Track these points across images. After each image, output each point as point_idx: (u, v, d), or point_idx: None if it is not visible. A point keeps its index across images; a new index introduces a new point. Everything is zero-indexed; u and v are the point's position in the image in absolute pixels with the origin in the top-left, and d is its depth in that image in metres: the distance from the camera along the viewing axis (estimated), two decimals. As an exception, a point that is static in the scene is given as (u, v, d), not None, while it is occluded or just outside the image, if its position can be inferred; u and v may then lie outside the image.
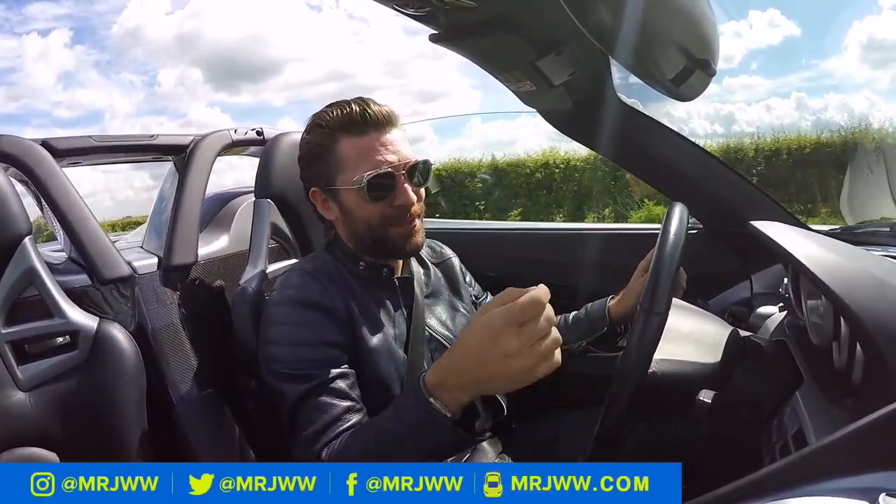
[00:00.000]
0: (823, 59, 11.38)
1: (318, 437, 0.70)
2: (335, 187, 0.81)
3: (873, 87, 9.38)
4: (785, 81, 13.57)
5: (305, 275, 0.81)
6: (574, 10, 0.63)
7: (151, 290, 0.96)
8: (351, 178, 0.79)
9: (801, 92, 10.79)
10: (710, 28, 0.77)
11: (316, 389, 0.72)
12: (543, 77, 0.88)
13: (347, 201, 0.81)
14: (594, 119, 1.10)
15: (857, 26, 9.76)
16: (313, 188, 0.84)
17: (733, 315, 1.11)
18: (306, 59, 65.66)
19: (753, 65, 12.12)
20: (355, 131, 0.79)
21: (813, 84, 11.65)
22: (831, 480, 0.45)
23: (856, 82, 9.28)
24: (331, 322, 0.76)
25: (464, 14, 0.74)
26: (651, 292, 0.66)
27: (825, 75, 10.94)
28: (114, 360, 0.83)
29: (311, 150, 0.83)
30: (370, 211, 0.80)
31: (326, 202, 0.84)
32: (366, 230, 0.81)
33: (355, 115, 0.79)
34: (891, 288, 0.56)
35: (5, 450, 0.74)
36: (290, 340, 0.75)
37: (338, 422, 0.71)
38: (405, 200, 0.79)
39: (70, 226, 0.91)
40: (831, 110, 8.68)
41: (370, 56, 52.23)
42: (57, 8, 63.59)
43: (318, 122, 0.82)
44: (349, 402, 0.73)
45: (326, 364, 0.74)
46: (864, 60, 9.62)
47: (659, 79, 0.79)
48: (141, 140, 1.14)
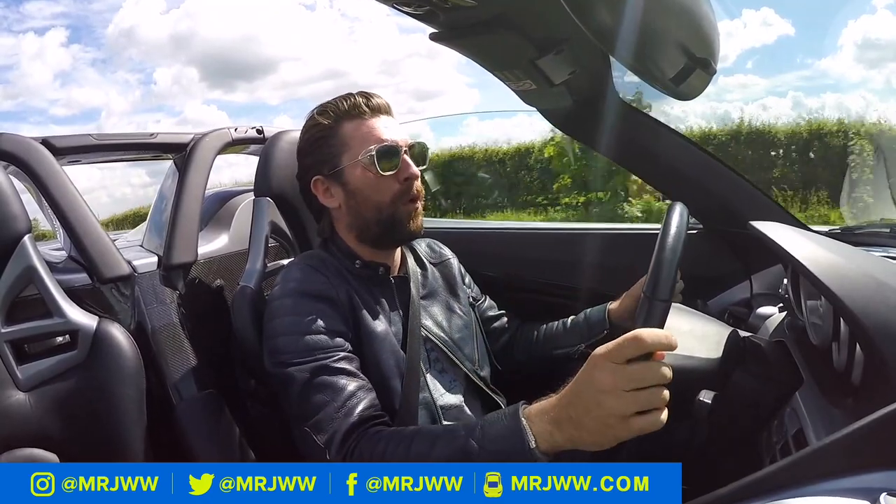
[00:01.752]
0: (819, 59, 11.43)
1: (334, 418, 0.68)
2: (340, 167, 0.82)
3: (869, 87, 9.43)
4: (782, 80, 13.61)
5: (307, 268, 0.81)
6: (574, 8, 0.63)
7: (151, 290, 0.96)
8: (356, 154, 0.81)
9: (798, 91, 10.84)
10: (710, 27, 0.76)
11: (323, 371, 0.71)
12: (544, 76, 0.87)
13: (354, 179, 0.82)
14: (594, 118, 1.10)
15: (851, 25, 9.81)
16: (315, 177, 0.84)
17: (733, 315, 1.11)
18: (301, 57, 65.79)
19: (749, 63, 12.15)
20: (358, 114, 0.83)
21: (810, 83, 11.70)
22: (831, 480, 0.45)
23: (852, 82, 9.32)
24: (334, 312, 0.77)
25: (464, 13, 0.73)
26: (654, 279, 0.65)
27: (821, 74, 10.99)
28: (113, 360, 0.83)
29: (313, 137, 0.84)
30: (378, 187, 0.81)
31: (329, 189, 0.84)
32: (373, 211, 0.82)
33: (359, 102, 0.83)
34: (890, 289, 0.56)
35: (5, 450, 0.74)
36: (295, 330, 0.75)
37: (351, 399, 0.69)
38: (409, 172, 0.82)
39: (70, 224, 0.91)
40: (828, 109, 8.73)
41: (365, 55, 52.30)
42: (54, 6, 63.50)
43: (322, 109, 0.85)
44: (358, 383, 0.72)
45: (332, 349, 0.73)
46: (860, 60, 9.65)
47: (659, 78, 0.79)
48: (141, 138, 1.14)
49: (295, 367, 0.72)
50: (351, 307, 0.79)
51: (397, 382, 0.79)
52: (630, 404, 0.52)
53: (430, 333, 0.86)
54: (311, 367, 0.71)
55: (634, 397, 0.52)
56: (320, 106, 0.85)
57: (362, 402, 0.70)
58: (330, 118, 0.83)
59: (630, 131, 1.10)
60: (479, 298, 1.04)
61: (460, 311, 0.94)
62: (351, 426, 0.67)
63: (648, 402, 0.53)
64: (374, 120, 0.83)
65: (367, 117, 0.83)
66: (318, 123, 0.84)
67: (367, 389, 0.72)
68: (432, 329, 0.87)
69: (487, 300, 1.06)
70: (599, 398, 0.53)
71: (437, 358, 0.87)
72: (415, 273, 0.90)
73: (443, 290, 0.94)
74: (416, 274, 0.90)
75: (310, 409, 0.70)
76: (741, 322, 1.06)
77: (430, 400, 0.82)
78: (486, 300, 1.06)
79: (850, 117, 7.19)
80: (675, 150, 1.13)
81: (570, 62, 0.88)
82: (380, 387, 0.76)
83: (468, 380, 0.89)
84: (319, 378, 0.71)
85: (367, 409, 0.70)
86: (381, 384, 0.77)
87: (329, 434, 0.67)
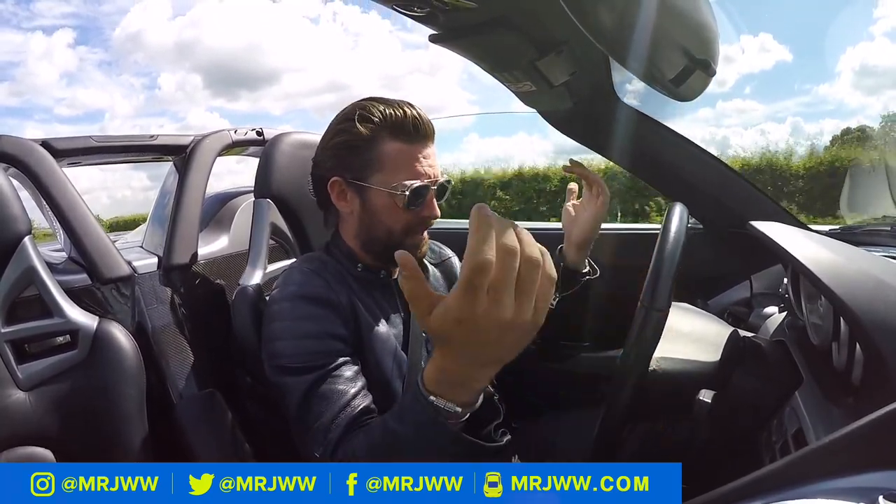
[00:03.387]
0: (817, 84, 11.47)
1: (330, 428, 0.68)
2: (366, 184, 0.79)
3: (866, 114, 9.41)
4: (783, 106, 13.63)
5: (307, 271, 0.80)
6: (574, 10, 0.63)
7: (151, 290, 0.96)
8: (389, 181, 0.77)
9: (797, 116, 10.85)
10: (710, 28, 0.77)
11: (322, 379, 0.71)
12: (543, 77, 0.87)
13: (376, 201, 0.79)
14: (594, 119, 1.10)
15: (850, 52, 9.84)
16: (335, 178, 0.81)
17: (733, 315, 1.12)
18: (303, 69, 66.11)
19: (747, 89, 12.12)
20: (404, 137, 0.78)
21: (810, 109, 11.76)
22: (831, 480, 0.45)
23: (850, 108, 9.32)
24: (335, 316, 0.76)
25: (464, 14, 0.74)
26: (651, 289, 0.65)
27: (820, 101, 11.03)
28: (113, 360, 0.83)
29: (350, 141, 0.79)
30: (398, 217, 0.79)
31: (346, 193, 0.81)
32: (384, 234, 0.81)
33: (408, 121, 0.77)
34: (890, 288, 0.56)
35: (5, 449, 0.74)
36: (294, 334, 0.74)
37: (347, 408, 0.69)
38: (432, 213, 0.80)
39: (70, 225, 0.91)
40: (826, 135, 8.76)
41: (367, 69, 52.43)
42: (64, 5, 63.76)
43: (365, 115, 0.78)
44: (357, 388, 0.72)
45: (331, 354, 0.73)
46: (857, 86, 9.66)
47: (659, 79, 0.79)
48: (141, 140, 1.14)
49: (292, 377, 0.72)
50: (352, 311, 0.78)
51: (398, 384, 0.79)
52: (502, 307, 0.41)
53: None
54: (309, 379, 0.71)
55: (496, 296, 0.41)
56: (365, 108, 0.78)
57: (358, 409, 0.69)
58: (371, 128, 0.77)
59: (630, 132, 1.10)
60: None
61: None
62: (344, 432, 0.68)
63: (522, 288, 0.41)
64: (418, 146, 0.78)
65: (412, 141, 0.78)
66: (357, 130, 0.77)
67: (363, 395, 0.72)
68: None
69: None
70: (468, 324, 0.42)
71: None
72: None
73: (444, 290, 0.94)
74: None
75: (308, 416, 0.70)
76: (741, 322, 1.06)
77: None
78: None
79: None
80: (676, 151, 1.13)
81: (570, 63, 0.88)
82: (380, 389, 0.76)
83: None
84: (317, 389, 0.71)
85: (361, 415, 0.70)
86: (381, 386, 0.77)
87: (324, 445, 0.68)
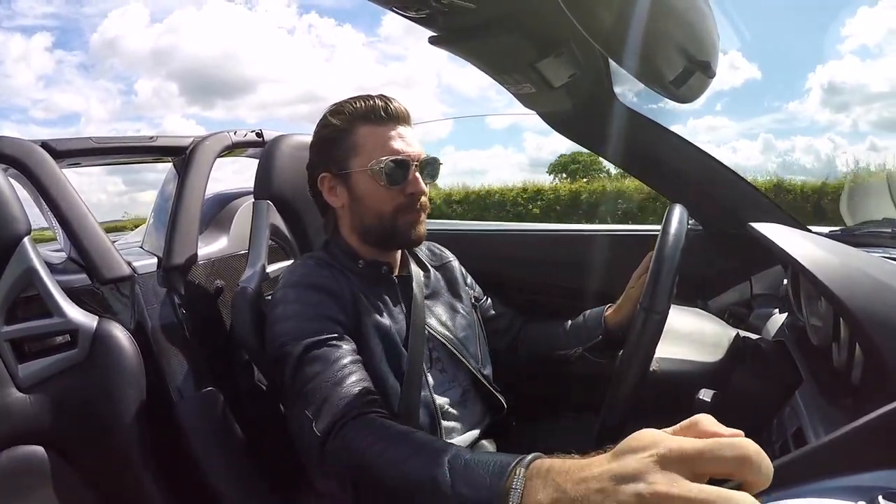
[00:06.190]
0: (787, 102, 11.52)
1: (321, 389, 0.65)
2: (348, 171, 0.82)
3: (837, 130, 9.44)
4: (756, 123, 13.64)
5: (312, 264, 0.82)
6: (573, 11, 0.63)
7: (151, 290, 0.96)
8: (366, 162, 0.80)
9: (769, 133, 10.87)
10: (709, 30, 0.77)
11: (317, 345, 0.70)
12: (543, 79, 0.87)
13: (360, 185, 0.82)
14: (594, 121, 1.10)
15: (819, 70, 9.91)
16: (323, 173, 0.84)
17: (733, 315, 1.12)
18: (279, 80, 66.10)
19: (718, 106, 12.12)
20: (375, 120, 0.81)
21: (783, 126, 11.79)
22: (830, 479, 0.45)
23: (821, 125, 9.37)
24: (337, 304, 0.77)
25: (463, 16, 0.74)
26: (651, 291, 0.66)
27: (791, 117, 11.09)
28: (113, 359, 0.83)
29: (327, 135, 0.84)
30: (382, 197, 0.81)
31: (335, 188, 0.84)
32: (375, 219, 0.82)
33: (377, 106, 0.81)
34: (890, 289, 0.56)
35: (4, 448, 0.74)
36: (296, 316, 0.75)
37: (343, 369, 0.68)
38: (416, 188, 0.81)
39: (70, 226, 0.92)
40: (798, 152, 8.81)
41: (341, 81, 52.52)
42: (45, 6, 63.79)
43: (337, 109, 0.83)
44: (352, 356, 0.71)
45: (329, 332, 0.73)
46: (826, 104, 9.70)
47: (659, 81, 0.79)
48: (140, 141, 1.15)
49: (290, 346, 0.72)
50: (354, 304, 0.79)
51: (398, 380, 0.79)
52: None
53: (435, 332, 0.86)
54: (306, 343, 0.71)
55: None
56: (338, 104, 0.84)
57: (354, 374, 0.68)
58: (344, 119, 0.82)
59: (630, 134, 1.10)
60: (481, 298, 1.05)
61: (463, 311, 0.94)
62: (345, 406, 0.63)
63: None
64: (391, 127, 0.82)
65: (384, 123, 0.81)
66: (332, 123, 0.83)
67: (359, 364, 0.71)
68: (437, 328, 0.87)
69: (489, 300, 1.06)
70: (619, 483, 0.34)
71: (439, 357, 0.87)
72: (417, 274, 0.90)
73: (445, 291, 0.95)
74: (418, 275, 0.90)
75: (302, 381, 0.68)
76: (741, 322, 1.06)
77: (429, 399, 0.82)
78: (488, 300, 1.06)
79: (819, 160, 7.34)
80: (676, 152, 1.13)
81: (570, 65, 0.88)
82: (380, 384, 0.76)
83: (472, 378, 0.89)
84: (312, 352, 0.70)
85: (360, 385, 0.66)
86: (381, 381, 0.77)
87: (318, 404, 0.64)
